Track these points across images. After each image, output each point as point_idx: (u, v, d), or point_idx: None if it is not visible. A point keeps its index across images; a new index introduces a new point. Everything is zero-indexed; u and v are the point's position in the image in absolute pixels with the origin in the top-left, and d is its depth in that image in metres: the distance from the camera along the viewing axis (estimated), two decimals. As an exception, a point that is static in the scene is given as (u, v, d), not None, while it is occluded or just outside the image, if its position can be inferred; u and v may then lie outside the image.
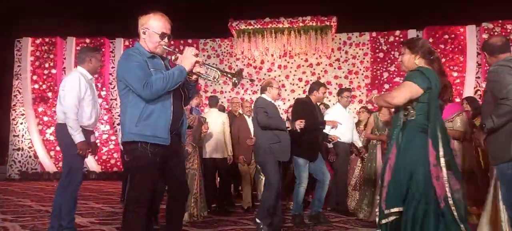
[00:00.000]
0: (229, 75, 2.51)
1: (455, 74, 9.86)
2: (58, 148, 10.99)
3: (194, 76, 2.46)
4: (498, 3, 9.82)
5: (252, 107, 3.70)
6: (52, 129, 11.09)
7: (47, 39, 11.38)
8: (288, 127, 4.05)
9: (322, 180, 4.35)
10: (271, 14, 10.38)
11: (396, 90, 2.46)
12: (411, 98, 2.39)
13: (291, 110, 5.84)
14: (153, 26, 2.35)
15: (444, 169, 2.33)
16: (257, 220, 3.75)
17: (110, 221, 4.34)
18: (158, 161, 2.32)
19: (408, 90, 2.39)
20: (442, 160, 2.33)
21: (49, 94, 11.25)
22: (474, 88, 9.79)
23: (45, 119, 11.18)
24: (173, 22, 2.44)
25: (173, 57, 2.48)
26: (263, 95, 4.08)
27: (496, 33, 9.67)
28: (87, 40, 11.41)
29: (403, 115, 2.47)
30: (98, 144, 9.74)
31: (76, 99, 3.26)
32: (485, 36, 9.73)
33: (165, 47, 2.41)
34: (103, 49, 11.35)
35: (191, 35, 11.32)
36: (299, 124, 3.94)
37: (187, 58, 2.34)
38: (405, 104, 2.44)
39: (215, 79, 2.55)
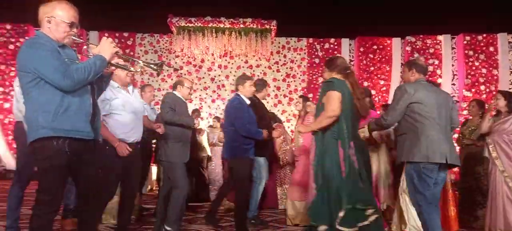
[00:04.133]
0: (151, 67, 2.45)
1: (382, 82, 10.66)
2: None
3: (112, 68, 2.36)
4: (421, 19, 10.82)
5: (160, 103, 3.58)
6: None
7: (-42, 22, 10.13)
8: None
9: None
10: (212, 13, 10.32)
11: (329, 104, 2.74)
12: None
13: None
14: (61, 15, 2.20)
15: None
16: (167, 228, 3.61)
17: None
18: (74, 159, 2.16)
19: (337, 99, 2.73)
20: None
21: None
22: (398, 96, 10.66)
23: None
24: (108, 13, 2.34)
25: (84, 47, 2.37)
26: (174, 92, 3.93)
27: (417, 46, 10.65)
28: (8, 26, 10.37)
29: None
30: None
31: None
32: (408, 48, 10.66)
33: (74, 37, 2.27)
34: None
35: (127, 28, 10.82)
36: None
37: (106, 48, 2.22)
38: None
39: (135, 70, 2.52)
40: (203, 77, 10.91)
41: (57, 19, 2.19)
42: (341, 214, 2.60)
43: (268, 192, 5.53)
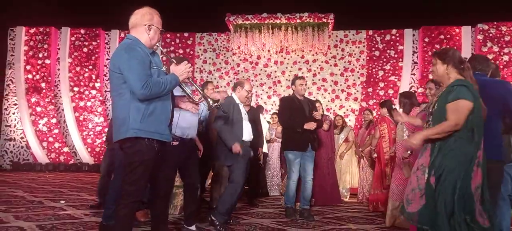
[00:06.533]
0: (208, 100, 2.64)
1: (450, 74, 9.93)
2: (51, 139, 10.98)
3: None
4: (494, 4, 9.89)
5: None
6: (45, 119, 11.02)
7: (41, 29, 11.25)
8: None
9: (302, 177, 4.45)
10: (268, 10, 10.36)
11: (454, 115, 2.39)
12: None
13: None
14: (158, 23, 2.35)
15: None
16: (213, 217, 3.62)
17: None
18: (157, 156, 2.36)
19: (467, 111, 2.39)
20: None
21: (43, 84, 11.14)
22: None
23: (38, 109, 11.07)
24: (169, 15, 2.47)
25: (164, 58, 2.53)
26: (233, 95, 3.93)
27: (491, 35, 9.76)
28: (82, 31, 11.31)
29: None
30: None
31: None
32: (480, 37, 9.81)
33: (158, 45, 2.44)
34: (99, 40, 11.26)
35: (187, 28, 11.26)
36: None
37: (182, 71, 2.40)
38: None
39: (191, 96, 2.73)
40: (259, 74, 10.99)
41: (155, 27, 2.32)
42: None
43: (329, 189, 5.44)
